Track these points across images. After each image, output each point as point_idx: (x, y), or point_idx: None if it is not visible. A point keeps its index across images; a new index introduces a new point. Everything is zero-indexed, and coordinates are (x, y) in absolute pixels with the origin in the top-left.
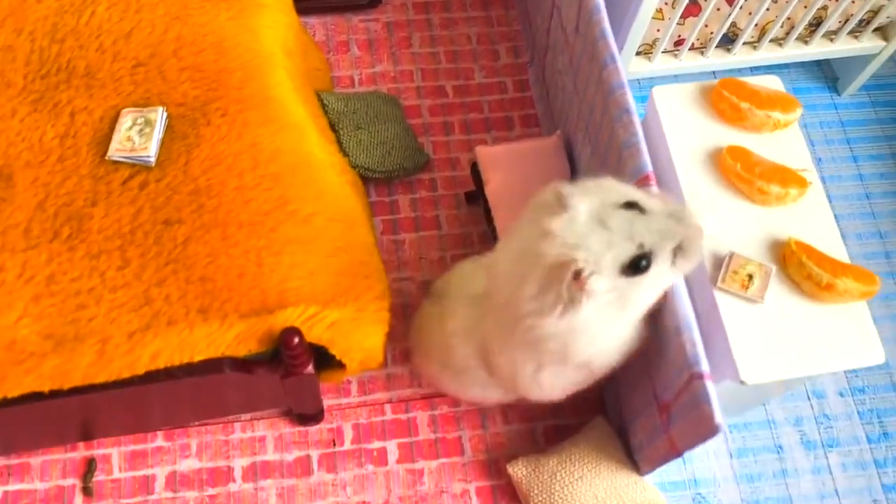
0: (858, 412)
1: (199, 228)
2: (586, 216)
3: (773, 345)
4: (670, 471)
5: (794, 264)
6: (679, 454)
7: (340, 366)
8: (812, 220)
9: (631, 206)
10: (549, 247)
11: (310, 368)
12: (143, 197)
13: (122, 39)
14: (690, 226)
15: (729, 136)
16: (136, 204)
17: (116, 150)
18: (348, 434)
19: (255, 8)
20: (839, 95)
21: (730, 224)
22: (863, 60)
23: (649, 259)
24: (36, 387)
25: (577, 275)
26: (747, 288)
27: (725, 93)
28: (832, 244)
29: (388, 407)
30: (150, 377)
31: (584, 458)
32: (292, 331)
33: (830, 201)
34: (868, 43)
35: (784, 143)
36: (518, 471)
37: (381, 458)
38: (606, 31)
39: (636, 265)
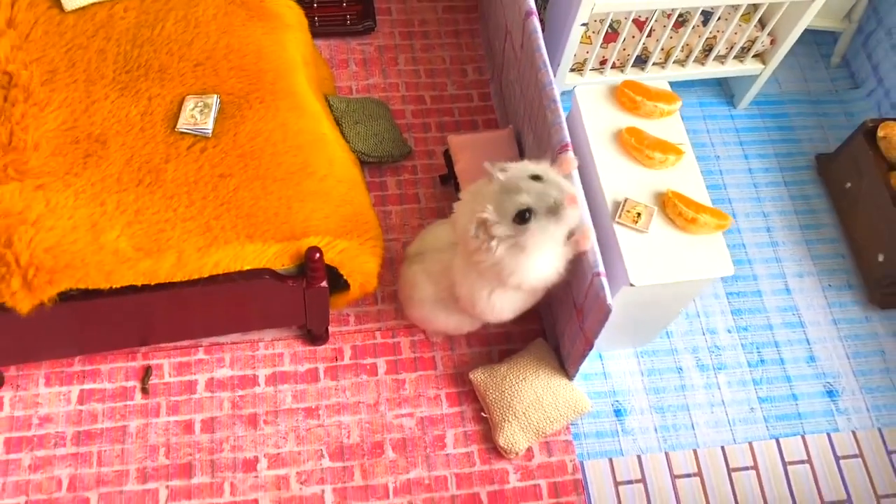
0: (742, 345)
1: (245, 180)
2: (501, 184)
3: (654, 261)
4: (595, 384)
5: (670, 206)
6: (591, 345)
7: (344, 292)
8: (685, 178)
9: (535, 177)
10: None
11: (324, 283)
12: (204, 158)
13: (185, 46)
14: (564, 192)
15: (628, 121)
16: (198, 162)
17: (183, 124)
18: (347, 353)
19: (283, 28)
20: (735, 108)
21: (627, 180)
22: (750, 80)
23: (531, 212)
24: (134, 280)
25: (485, 224)
26: (636, 222)
27: (626, 90)
28: (698, 194)
29: (378, 333)
30: (215, 280)
31: (528, 366)
32: (314, 249)
33: (725, 189)
34: (750, 66)
35: (667, 126)
36: (477, 376)
37: (372, 370)
38: (541, 45)
39: (522, 216)
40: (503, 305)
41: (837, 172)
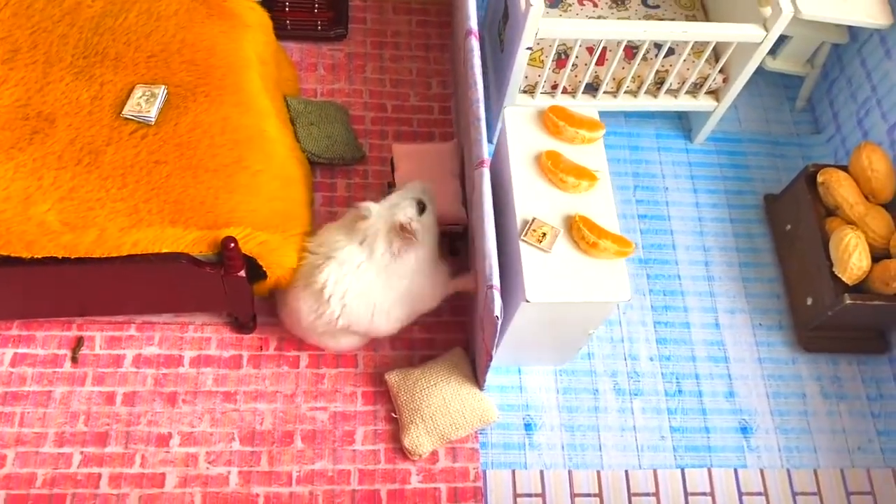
0: (662, 373)
1: (178, 168)
2: (380, 208)
3: (552, 280)
4: (510, 396)
5: (575, 229)
6: (490, 357)
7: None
8: (597, 204)
9: (389, 190)
10: (376, 227)
11: (242, 273)
12: (143, 144)
13: (143, 38)
14: (424, 186)
15: (551, 144)
16: (137, 148)
17: (128, 111)
18: (273, 344)
19: (241, 27)
20: (691, 142)
21: (540, 201)
22: (706, 115)
23: (423, 202)
24: (54, 252)
25: (405, 226)
26: (541, 241)
27: (550, 114)
28: (608, 221)
29: None
30: (132, 259)
31: (440, 372)
32: (230, 238)
33: (669, 220)
34: (703, 102)
35: (589, 152)
36: (392, 378)
37: (294, 362)
38: (474, 65)
39: (421, 207)
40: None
41: (780, 214)
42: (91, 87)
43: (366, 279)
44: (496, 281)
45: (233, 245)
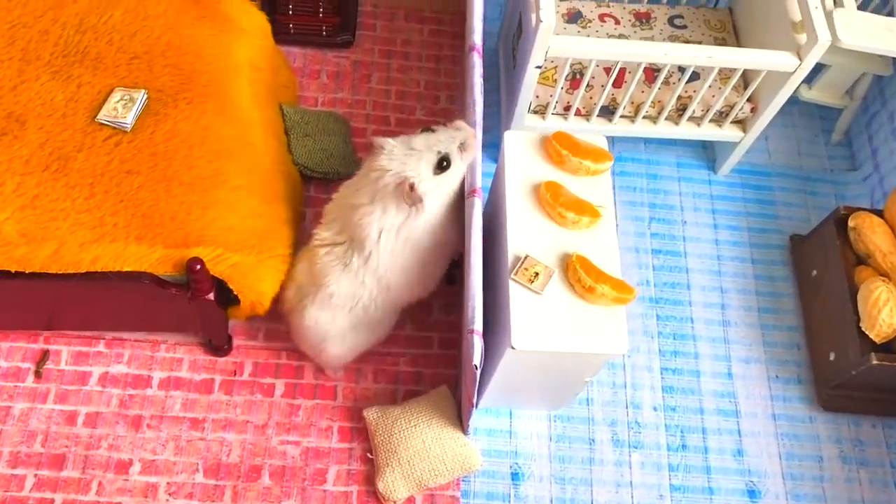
0: (666, 425)
1: (150, 180)
2: (398, 148)
3: (542, 326)
4: (498, 441)
5: (571, 270)
6: (471, 403)
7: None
8: (598, 243)
9: (425, 129)
10: (385, 176)
11: (210, 296)
12: (116, 152)
13: (127, 38)
14: (465, 131)
15: (553, 174)
16: (109, 156)
17: (104, 115)
18: (248, 368)
19: (234, 31)
20: (715, 174)
21: (536, 236)
22: (731, 146)
23: (448, 158)
24: (6, 266)
25: (412, 187)
26: (532, 282)
27: (553, 142)
28: (610, 263)
29: (284, 353)
30: (90, 276)
31: (422, 413)
32: (196, 260)
33: (685, 257)
34: (729, 132)
35: (594, 185)
36: (370, 415)
37: (269, 390)
38: (474, 84)
39: (441, 164)
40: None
41: (806, 258)
42: (67, 87)
43: (389, 245)
44: (478, 325)
45: (199, 267)
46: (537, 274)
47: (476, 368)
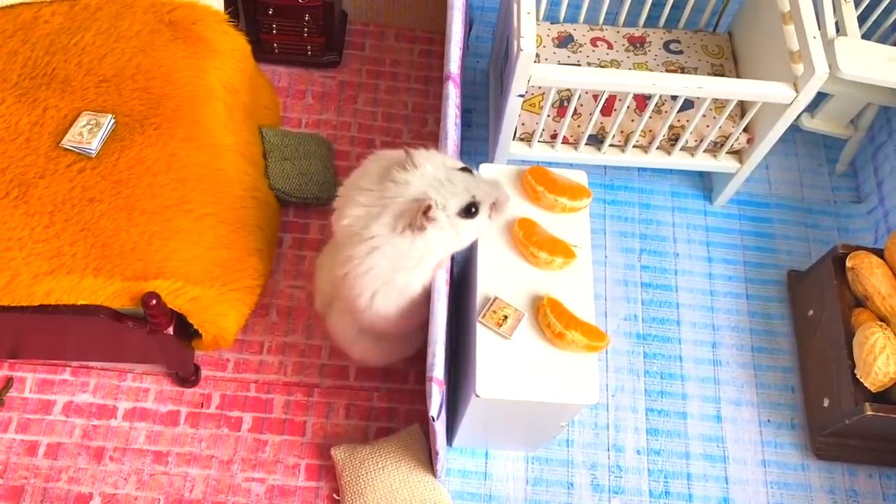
0: (649, 470)
1: (112, 208)
2: (432, 172)
3: (509, 372)
4: (472, 484)
5: (542, 314)
6: (436, 452)
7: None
8: (572, 285)
9: (465, 170)
10: (404, 190)
11: (169, 330)
12: (79, 178)
13: (96, 60)
14: (502, 192)
15: (528, 211)
16: (72, 183)
17: (68, 141)
18: (216, 401)
19: (208, 52)
20: (711, 204)
21: (507, 277)
22: (728, 176)
23: (478, 207)
24: None
25: (427, 209)
26: (501, 325)
27: (528, 177)
28: (584, 307)
29: (253, 386)
30: (43, 309)
31: (391, 454)
32: (151, 295)
33: (676, 291)
34: (725, 162)
35: (571, 223)
36: (338, 454)
37: (236, 424)
38: (447, 114)
39: (469, 209)
40: (387, 306)
41: (803, 296)
42: (33, 111)
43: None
44: (438, 372)
45: (155, 302)
46: (506, 317)
47: (433, 419)
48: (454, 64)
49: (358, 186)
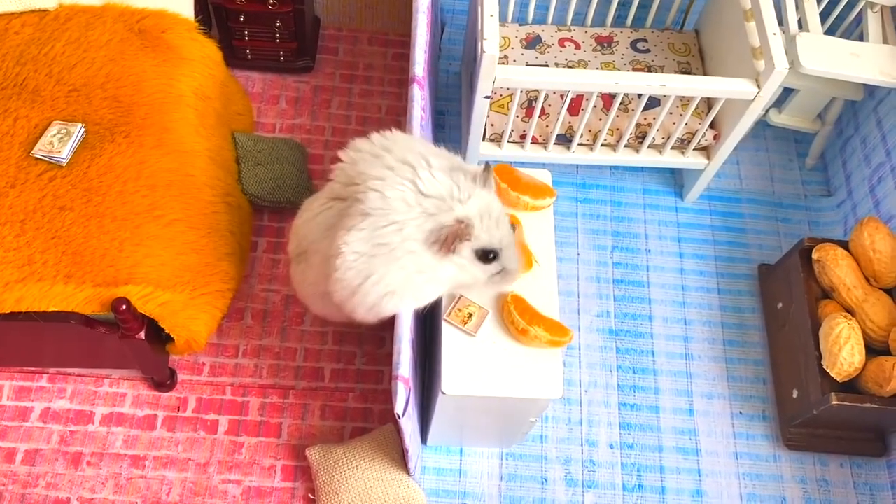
0: (622, 464)
1: (83, 216)
2: (488, 200)
3: (475, 369)
4: (447, 481)
5: (506, 311)
6: (406, 449)
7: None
8: (537, 284)
9: (513, 226)
10: (457, 206)
11: (141, 335)
12: (50, 187)
13: (66, 70)
14: (517, 270)
15: None
16: (43, 191)
17: (39, 150)
18: (192, 404)
19: (177, 60)
20: (682, 200)
21: None
22: (697, 173)
23: (495, 258)
24: None
25: (461, 237)
26: (466, 323)
27: (494, 174)
28: (548, 303)
29: (229, 389)
30: (14, 316)
31: (364, 453)
32: (121, 300)
33: (648, 287)
34: (693, 159)
35: (535, 221)
36: (313, 454)
37: (212, 427)
38: (413, 116)
39: (486, 255)
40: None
41: (773, 289)
42: (4, 121)
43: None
44: (403, 371)
45: (125, 307)
46: (471, 315)
47: (399, 417)
48: (419, 67)
49: (424, 157)
